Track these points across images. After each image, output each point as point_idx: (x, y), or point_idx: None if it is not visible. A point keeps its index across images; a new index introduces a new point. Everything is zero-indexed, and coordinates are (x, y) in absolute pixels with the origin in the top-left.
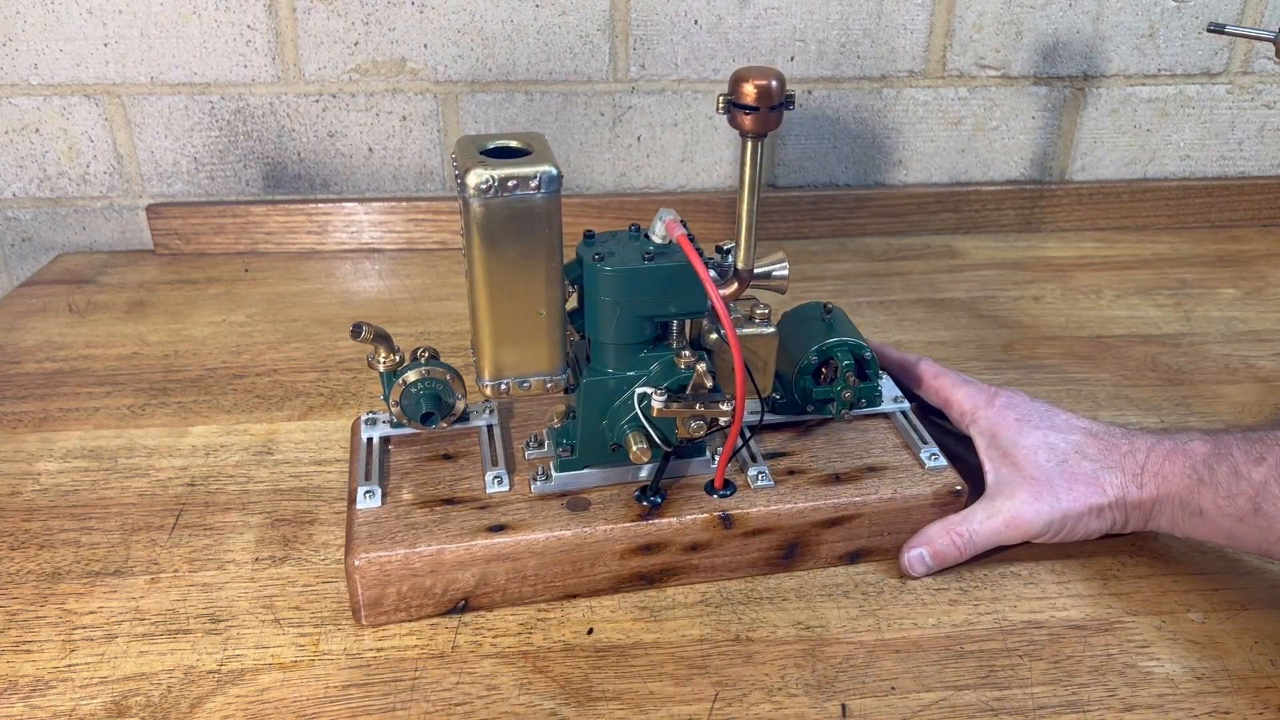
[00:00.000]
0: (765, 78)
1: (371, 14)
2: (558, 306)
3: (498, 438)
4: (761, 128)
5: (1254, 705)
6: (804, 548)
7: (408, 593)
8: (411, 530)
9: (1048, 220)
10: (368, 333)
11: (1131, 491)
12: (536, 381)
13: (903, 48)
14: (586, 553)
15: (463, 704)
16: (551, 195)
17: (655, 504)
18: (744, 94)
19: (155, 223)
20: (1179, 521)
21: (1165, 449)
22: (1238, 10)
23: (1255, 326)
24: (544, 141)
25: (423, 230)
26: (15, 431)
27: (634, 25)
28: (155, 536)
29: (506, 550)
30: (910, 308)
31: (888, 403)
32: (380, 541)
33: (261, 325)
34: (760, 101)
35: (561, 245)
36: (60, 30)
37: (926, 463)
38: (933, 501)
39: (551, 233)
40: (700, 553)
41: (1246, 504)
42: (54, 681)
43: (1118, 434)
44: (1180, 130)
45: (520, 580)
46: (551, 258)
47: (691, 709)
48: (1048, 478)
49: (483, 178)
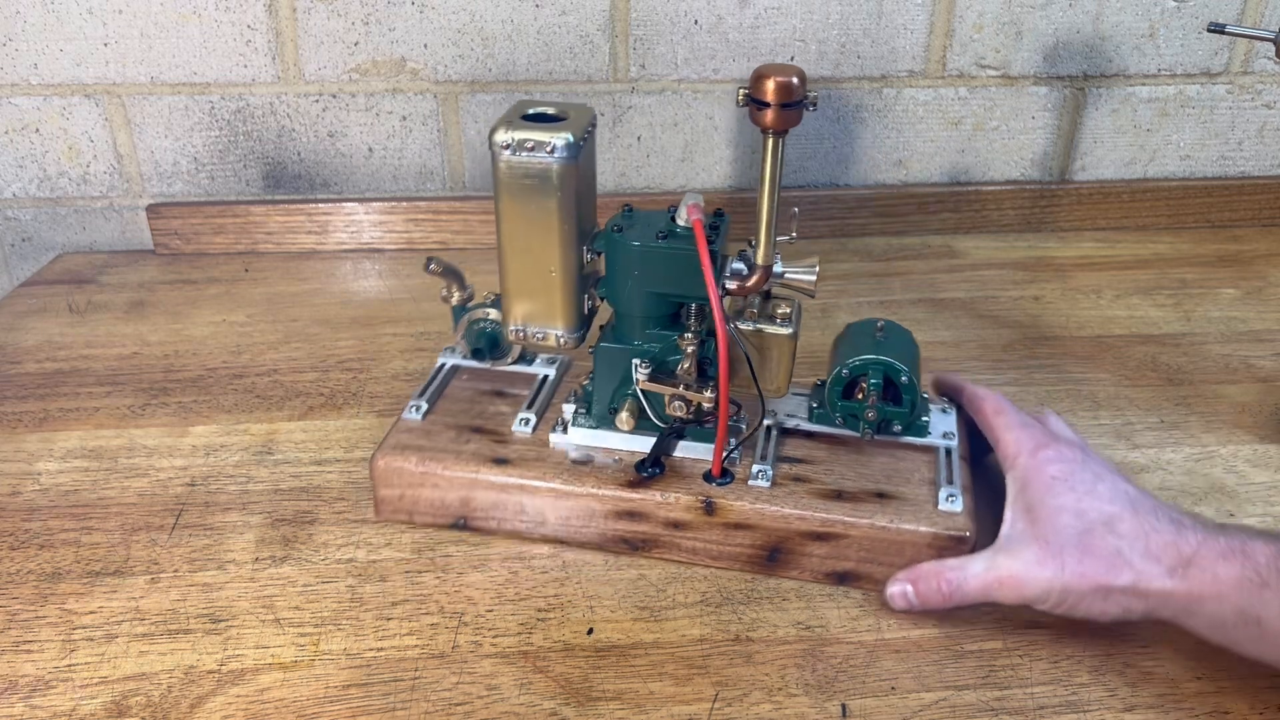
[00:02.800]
0: (787, 74)
1: (371, 14)
2: (572, 269)
3: (548, 387)
4: (782, 124)
5: (1254, 705)
6: (786, 555)
7: (414, 499)
8: (431, 446)
9: (1048, 220)
10: (436, 266)
11: (1161, 581)
12: (551, 335)
13: (903, 48)
14: (574, 505)
15: (463, 704)
16: (565, 162)
17: (647, 475)
18: (765, 90)
19: (155, 223)
20: (1225, 628)
21: (1220, 546)
22: (1238, 10)
23: (1255, 326)
24: (587, 115)
25: (423, 230)
26: (15, 431)
27: (634, 25)
28: (155, 536)
29: (498, 483)
30: (910, 308)
31: (935, 437)
32: (403, 450)
33: (261, 325)
34: (781, 97)
35: (576, 212)
36: (60, 30)
37: (941, 503)
38: (930, 542)
39: (564, 197)
40: (682, 531)
41: None
42: (54, 681)
43: (1165, 517)
44: (1180, 130)
45: (515, 515)
46: (564, 221)
47: (691, 709)
48: (1061, 544)
49: (505, 135)
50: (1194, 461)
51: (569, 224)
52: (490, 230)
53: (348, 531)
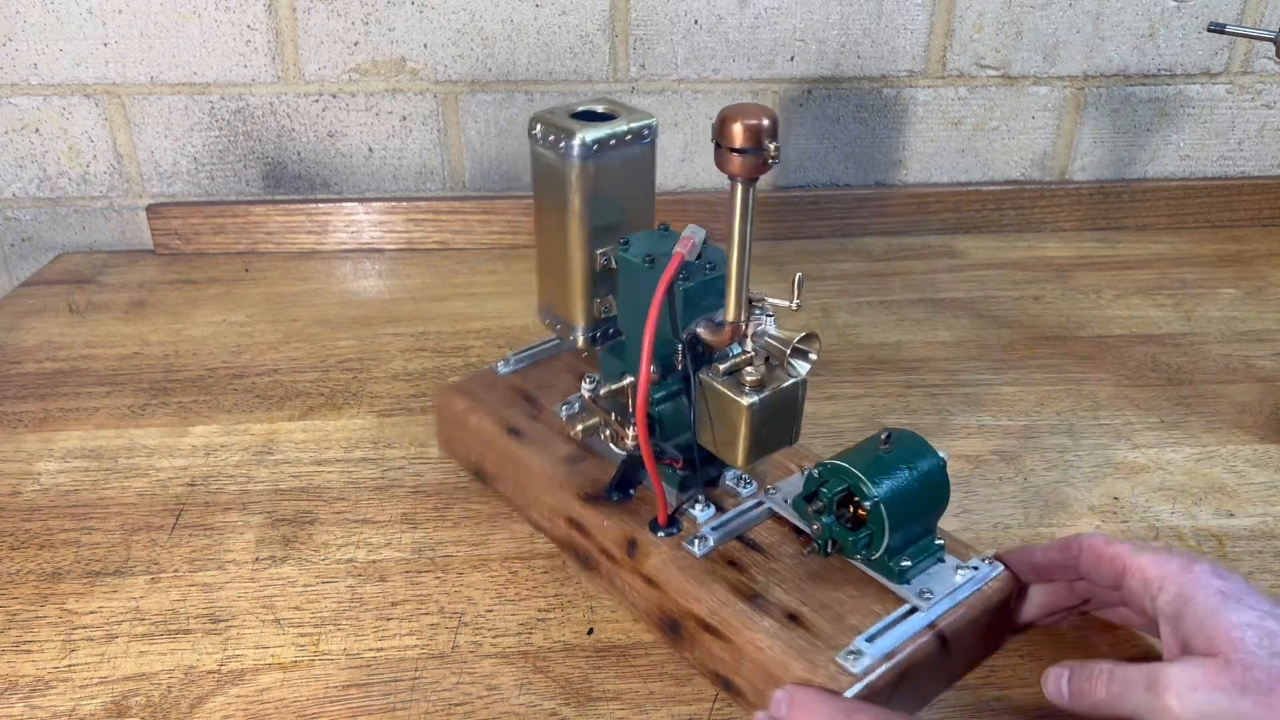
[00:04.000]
0: (757, 116)
1: (371, 14)
2: (580, 269)
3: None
4: (752, 172)
5: None
6: (684, 634)
7: (455, 438)
8: (482, 399)
9: (1048, 220)
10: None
11: None
12: (566, 328)
13: (903, 48)
14: (545, 497)
15: (463, 704)
16: (572, 163)
17: (608, 498)
18: (733, 135)
19: (155, 223)
20: None
21: None
22: (1238, 10)
23: (1255, 326)
24: (635, 120)
25: (423, 230)
26: (15, 431)
27: (634, 25)
28: (155, 536)
29: (496, 446)
30: (910, 308)
31: (910, 589)
32: (461, 392)
33: (261, 325)
34: (751, 142)
35: (590, 211)
36: (60, 30)
37: (841, 659)
38: (797, 681)
39: (574, 197)
40: (611, 564)
41: None
42: (54, 681)
43: None
44: (1180, 130)
45: (510, 483)
46: (575, 220)
47: (691, 709)
48: (1250, 663)
49: (535, 123)
50: (1194, 461)
51: (580, 222)
52: (490, 230)
53: (348, 531)
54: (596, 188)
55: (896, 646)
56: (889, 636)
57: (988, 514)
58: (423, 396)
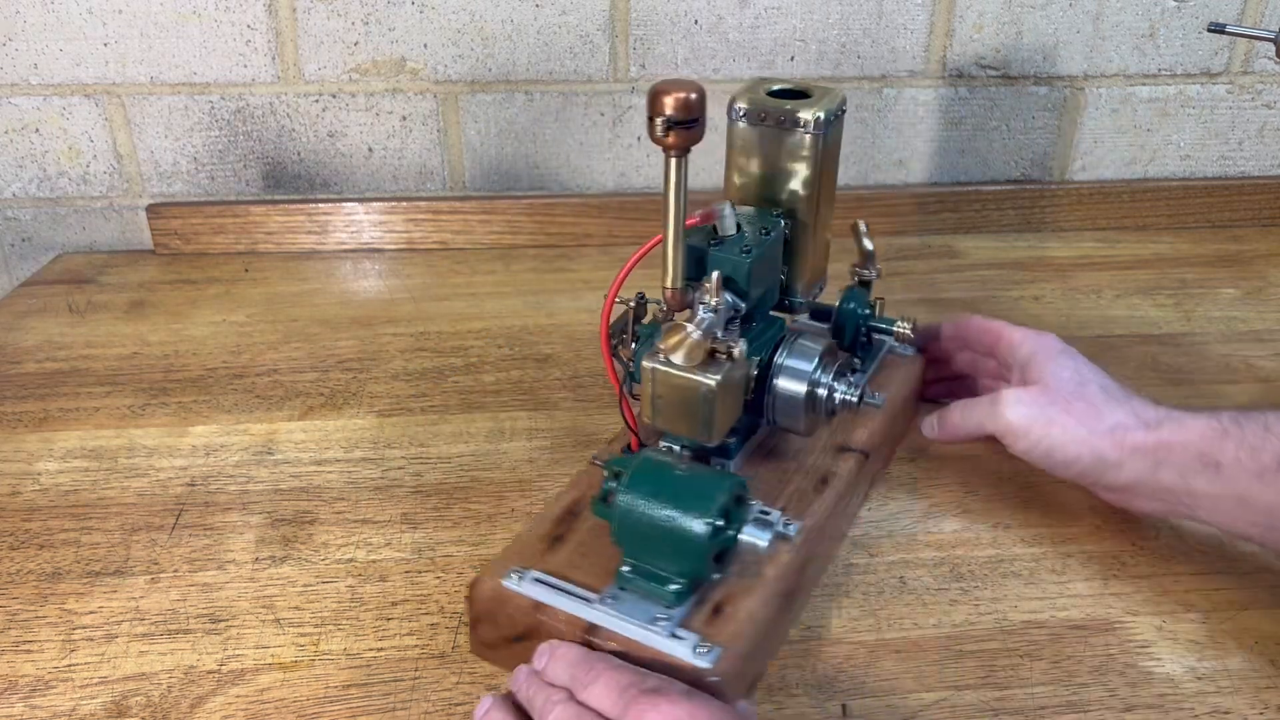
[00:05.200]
0: (686, 89)
1: (371, 14)
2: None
3: None
4: (684, 143)
5: (1254, 705)
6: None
7: None
8: None
9: (1048, 220)
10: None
11: (1137, 433)
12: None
13: (903, 48)
14: None
15: (463, 704)
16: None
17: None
18: (664, 108)
19: (155, 223)
20: (1188, 475)
21: (1190, 409)
22: (1238, 10)
23: (1255, 326)
24: (824, 98)
25: (423, 230)
26: (15, 431)
27: (634, 25)
28: (155, 536)
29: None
30: (910, 308)
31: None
32: None
33: (261, 325)
34: (683, 114)
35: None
36: (60, 30)
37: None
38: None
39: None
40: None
41: (1271, 459)
42: (54, 681)
43: (1148, 397)
44: (1180, 130)
45: None
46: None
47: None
48: (1059, 387)
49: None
50: None
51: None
52: (490, 230)
53: (348, 531)
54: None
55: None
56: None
57: (988, 514)
58: (423, 396)
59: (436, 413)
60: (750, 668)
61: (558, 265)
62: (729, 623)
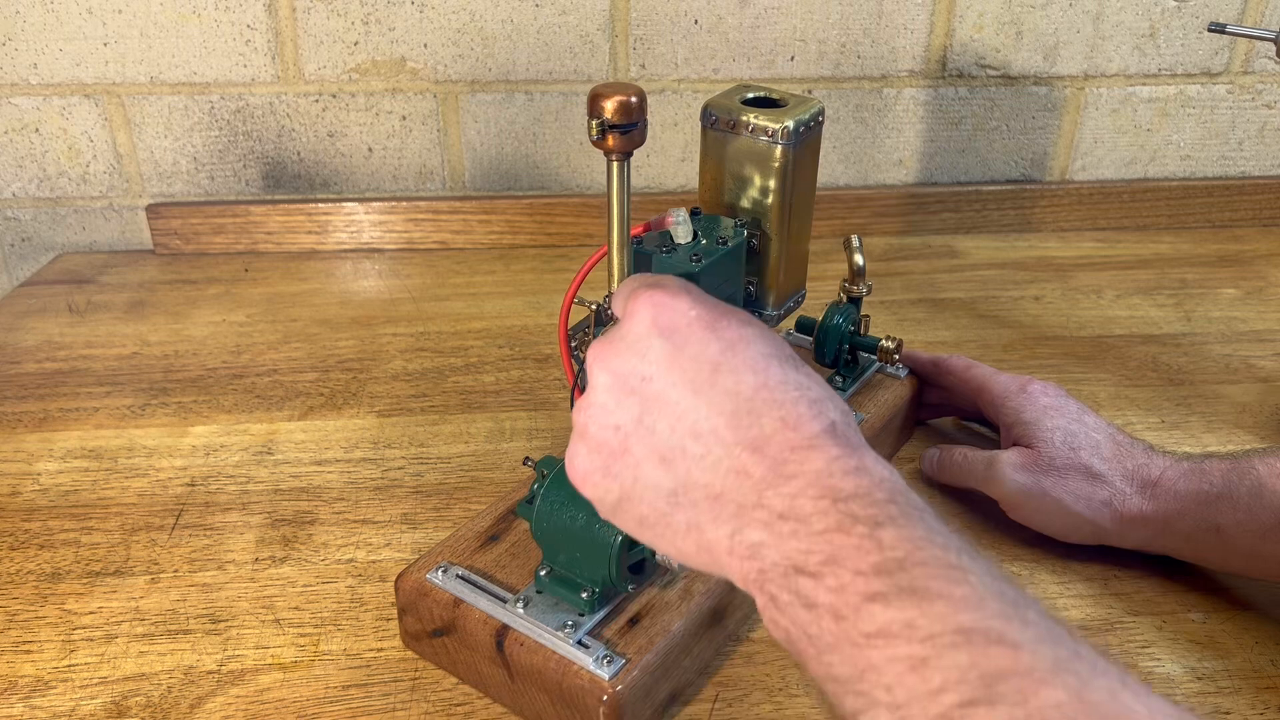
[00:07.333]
0: (626, 93)
1: (371, 14)
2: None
3: None
4: (626, 147)
5: (1254, 705)
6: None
7: None
8: None
9: (1048, 220)
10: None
11: (1134, 503)
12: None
13: (903, 48)
14: None
15: (463, 704)
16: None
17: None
18: (604, 112)
19: (155, 223)
20: (1192, 541)
21: (1182, 469)
22: (1238, 10)
23: (1256, 326)
24: (797, 107)
25: (423, 230)
26: (15, 431)
27: (634, 25)
28: (155, 536)
29: None
30: (910, 308)
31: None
32: None
33: (261, 325)
34: (624, 118)
35: None
36: (60, 30)
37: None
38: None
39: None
40: None
41: (1270, 518)
42: (54, 681)
43: (1139, 448)
44: (1181, 130)
45: None
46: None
47: (692, 709)
48: (1053, 454)
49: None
50: None
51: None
52: (490, 230)
53: (348, 531)
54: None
55: None
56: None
57: (988, 514)
58: (423, 396)
59: (436, 413)
60: (662, 684)
61: (558, 265)
62: (641, 635)
